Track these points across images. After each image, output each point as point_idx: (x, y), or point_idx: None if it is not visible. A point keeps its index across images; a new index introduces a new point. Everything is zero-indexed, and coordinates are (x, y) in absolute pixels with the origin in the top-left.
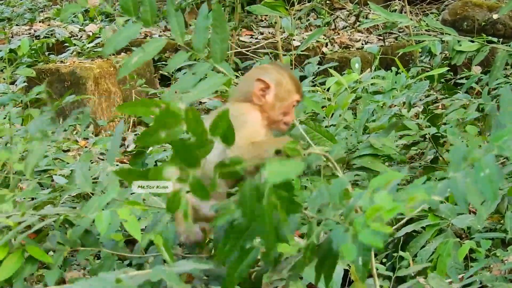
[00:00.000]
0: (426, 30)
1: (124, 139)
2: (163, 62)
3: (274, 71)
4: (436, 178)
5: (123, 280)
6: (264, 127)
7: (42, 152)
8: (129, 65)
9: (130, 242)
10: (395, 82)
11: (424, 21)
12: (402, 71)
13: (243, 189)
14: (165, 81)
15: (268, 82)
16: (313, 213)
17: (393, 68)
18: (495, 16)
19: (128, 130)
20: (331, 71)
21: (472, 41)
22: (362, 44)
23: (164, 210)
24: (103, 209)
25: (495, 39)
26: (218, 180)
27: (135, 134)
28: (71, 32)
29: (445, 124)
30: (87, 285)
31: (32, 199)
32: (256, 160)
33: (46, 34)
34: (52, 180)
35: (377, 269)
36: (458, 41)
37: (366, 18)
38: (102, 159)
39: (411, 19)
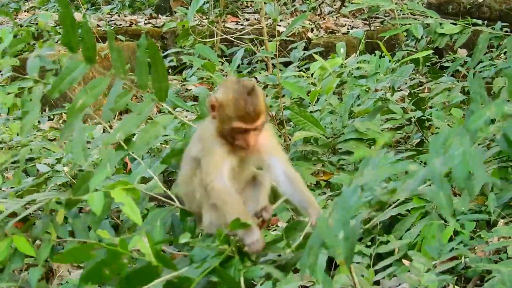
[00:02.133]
0: (411, 14)
1: (110, 127)
2: None
3: (225, 89)
4: (421, 162)
5: None
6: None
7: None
8: (75, 109)
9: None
10: (379, 66)
11: (407, 5)
12: (386, 55)
13: None
14: None
15: (214, 101)
16: None
17: (377, 52)
18: None
19: (114, 118)
20: (316, 56)
21: (455, 24)
22: (348, 29)
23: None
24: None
25: (480, 22)
26: (231, 179)
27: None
28: (56, 21)
29: (430, 107)
30: None
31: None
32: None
33: (30, 22)
34: (38, 170)
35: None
36: (441, 24)
37: (352, 3)
38: (89, 148)
39: (396, 3)
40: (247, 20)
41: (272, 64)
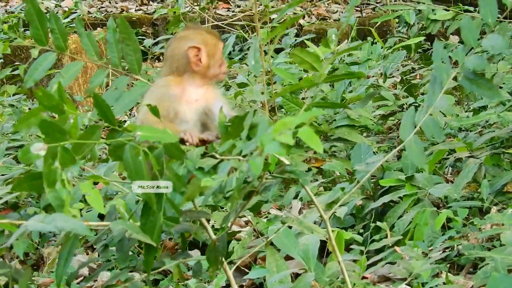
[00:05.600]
0: (403, 0)
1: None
2: (141, 36)
3: (196, 34)
4: None
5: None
6: (196, 88)
7: None
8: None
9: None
10: (371, 53)
11: None
12: (378, 42)
13: (125, 153)
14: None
15: (198, 46)
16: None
17: (369, 39)
18: None
19: None
20: (308, 42)
21: (447, 10)
22: (339, 15)
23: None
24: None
25: (472, 8)
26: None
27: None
28: (47, 8)
29: (422, 94)
30: (42, 216)
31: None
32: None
33: (21, 9)
34: None
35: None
36: (433, 10)
37: None
38: None
39: None
40: (238, 6)
41: (264, 51)
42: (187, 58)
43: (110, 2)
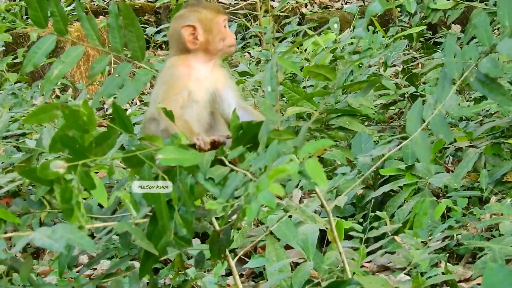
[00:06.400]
0: None
1: (103, 102)
2: (143, 25)
3: (190, 12)
4: None
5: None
6: (201, 66)
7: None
8: (51, 79)
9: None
10: (372, 42)
11: None
12: (379, 31)
13: (143, 172)
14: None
15: (192, 24)
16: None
17: (370, 28)
18: None
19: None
20: (309, 31)
21: None
22: (342, 4)
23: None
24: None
25: None
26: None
27: (115, 97)
28: None
29: (424, 83)
30: (50, 231)
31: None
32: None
33: None
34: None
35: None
36: (433, 0)
37: None
38: None
39: None
40: None
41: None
42: (183, 37)
43: None
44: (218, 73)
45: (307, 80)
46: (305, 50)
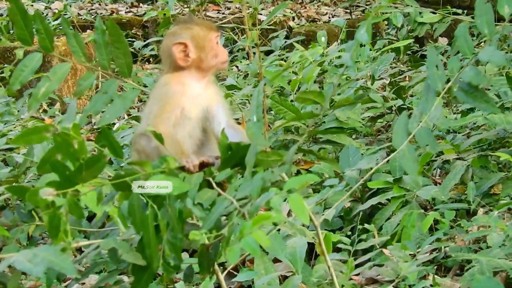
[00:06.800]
0: (392, 3)
1: (90, 116)
2: (131, 38)
3: (182, 29)
4: None
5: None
6: (195, 84)
7: None
8: (38, 97)
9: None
10: (360, 55)
11: None
12: (366, 44)
13: (132, 199)
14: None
15: (183, 41)
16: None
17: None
18: None
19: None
20: (296, 45)
21: (434, 13)
22: (329, 17)
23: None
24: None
25: (460, 11)
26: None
27: (102, 111)
28: (37, 9)
29: (411, 96)
30: (31, 254)
31: None
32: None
33: None
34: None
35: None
36: (420, 13)
37: None
38: None
39: None
40: (228, 8)
41: (253, 53)
42: (174, 54)
43: (100, 4)
44: (211, 90)
45: (295, 93)
46: (293, 63)
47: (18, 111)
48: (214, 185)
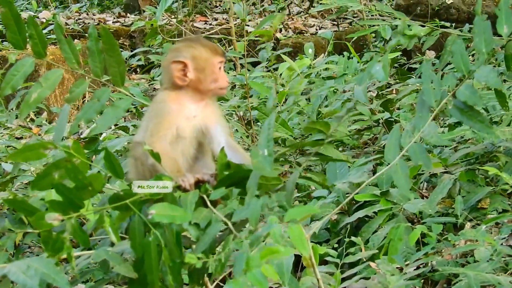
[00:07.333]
0: (379, 15)
1: (78, 125)
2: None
3: (185, 47)
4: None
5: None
6: (189, 104)
7: None
8: (30, 103)
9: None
10: (347, 67)
11: (375, 6)
12: (354, 56)
13: (133, 222)
14: None
15: (183, 60)
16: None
17: (345, 53)
18: (448, 1)
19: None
20: (284, 56)
21: (423, 26)
22: (316, 29)
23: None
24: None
25: (448, 24)
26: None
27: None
28: (30, 15)
29: (398, 109)
30: (25, 266)
31: None
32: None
33: None
34: (4, 170)
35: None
36: (409, 26)
37: (320, 4)
38: None
39: (364, 4)
40: (216, 19)
41: (240, 64)
42: (172, 72)
43: (87, 14)
44: (209, 110)
45: (282, 105)
46: (280, 75)
47: (7, 120)
48: (208, 203)
